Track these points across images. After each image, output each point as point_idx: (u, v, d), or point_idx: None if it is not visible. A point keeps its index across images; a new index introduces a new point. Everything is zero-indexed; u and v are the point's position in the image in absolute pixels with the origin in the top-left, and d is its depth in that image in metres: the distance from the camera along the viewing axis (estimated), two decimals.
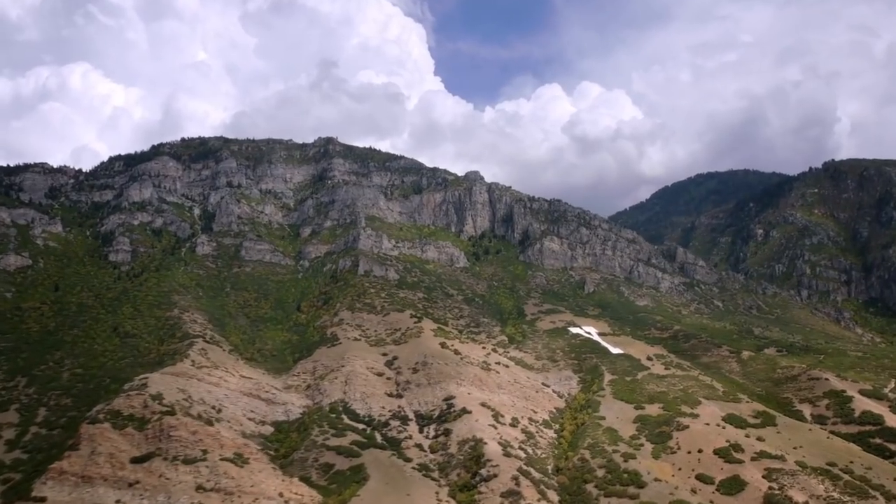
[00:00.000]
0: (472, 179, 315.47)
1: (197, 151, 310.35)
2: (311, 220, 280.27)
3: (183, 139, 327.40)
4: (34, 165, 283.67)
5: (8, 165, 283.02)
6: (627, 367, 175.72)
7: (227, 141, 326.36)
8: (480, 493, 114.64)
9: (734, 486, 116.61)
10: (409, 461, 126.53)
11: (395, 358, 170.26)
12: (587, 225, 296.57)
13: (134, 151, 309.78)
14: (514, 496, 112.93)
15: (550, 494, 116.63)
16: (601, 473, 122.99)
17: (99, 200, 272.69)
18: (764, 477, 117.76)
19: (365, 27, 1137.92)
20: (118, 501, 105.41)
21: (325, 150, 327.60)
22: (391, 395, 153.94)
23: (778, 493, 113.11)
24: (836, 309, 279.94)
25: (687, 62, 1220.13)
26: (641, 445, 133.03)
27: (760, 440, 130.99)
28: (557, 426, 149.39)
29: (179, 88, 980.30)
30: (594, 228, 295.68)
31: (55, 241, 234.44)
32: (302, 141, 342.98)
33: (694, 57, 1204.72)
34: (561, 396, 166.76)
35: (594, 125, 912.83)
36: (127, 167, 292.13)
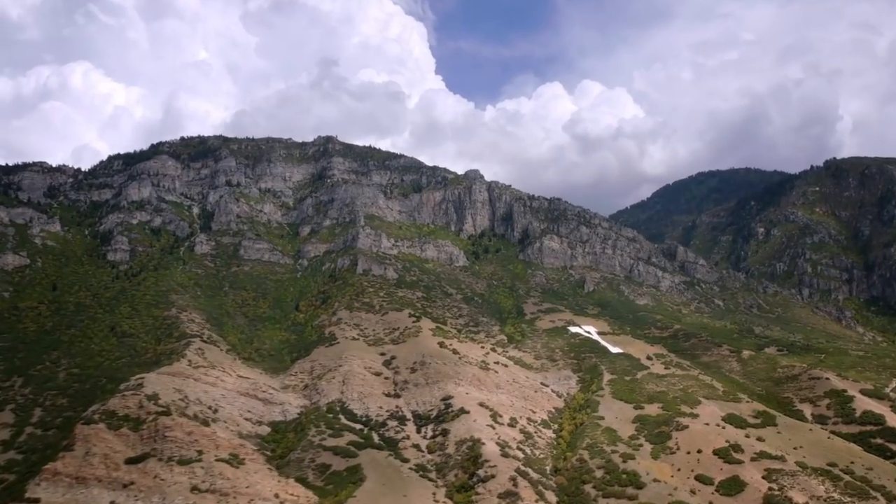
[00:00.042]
0: (471, 178, 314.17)
1: (196, 150, 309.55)
2: (310, 218, 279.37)
3: (182, 138, 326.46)
4: (33, 164, 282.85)
5: (6, 164, 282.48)
6: (627, 366, 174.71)
7: (226, 140, 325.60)
8: (478, 493, 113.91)
9: (734, 486, 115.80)
10: (406, 462, 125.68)
11: (393, 357, 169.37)
12: (587, 223, 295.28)
13: (133, 150, 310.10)
14: (511, 497, 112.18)
15: (548, 495, 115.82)
16: (600, 474, 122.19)
17: (98, 199, 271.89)
18: (764, 477, 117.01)
19: (366, 26, 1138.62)
20: (112, 502, 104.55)
21: (324, 148, 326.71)
22: (389, 394, 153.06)
23: (778, 493, 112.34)
24: (837, 308, 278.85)
25: (688, 60, 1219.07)
26: (640, 446, 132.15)
27: (760, 440, 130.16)
28: (556, 426, 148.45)
29: (180, 87, 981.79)
30: (594, 227, 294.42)
31: (53, 240, 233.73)
32: (301, 140, 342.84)
33: (695, 55, 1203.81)
34: (560, 396, 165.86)
35: (595, 124, 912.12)
36: (126, 166, 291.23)
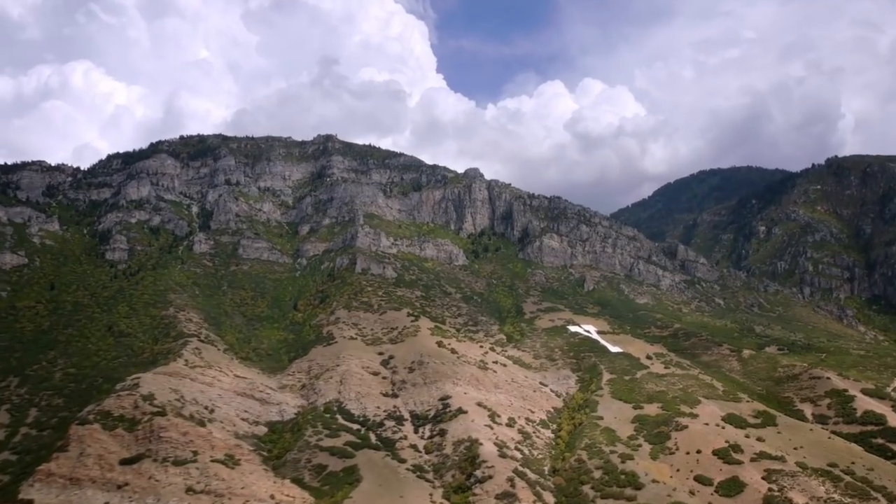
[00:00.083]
0: (471, 176, 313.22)
1: (195, 149, 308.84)
2: (309, 217, 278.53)
3: (181, 137, 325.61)
4: (31, 163, 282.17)
5: (5, 164, 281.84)
6: (626, 365, 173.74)
7: (225, 138, 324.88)
8: (475, 494, 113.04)
9: (733, 487, 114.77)
10: (403, 462, 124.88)
11: (391, 357, 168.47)
12: (587, 222, 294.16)
13: (132, 149, 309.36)
14: (509, 498, 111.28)
15: (546, 496, 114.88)
16: (598, 475, 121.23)
17: (97, 198, 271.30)
18: (763, 478, 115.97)
19: (367, 24, 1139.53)
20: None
21: (324, 147, 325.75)
22: (386, 394, 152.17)
23: (778, 494, 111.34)
24: (838, 307, 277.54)
25: (690, 58, 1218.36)
26: (639, 446, 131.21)
27: (760, 440, 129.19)
28: (555, 426, 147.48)
29: (181, 86, 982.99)
30: (594, 226, 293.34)
31: (52, 239, 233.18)
32: (301, 138, 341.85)
33: (697, 53, 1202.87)
34: (559, 396, 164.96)
35: (597, 122, 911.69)
36: (125, 165, 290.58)
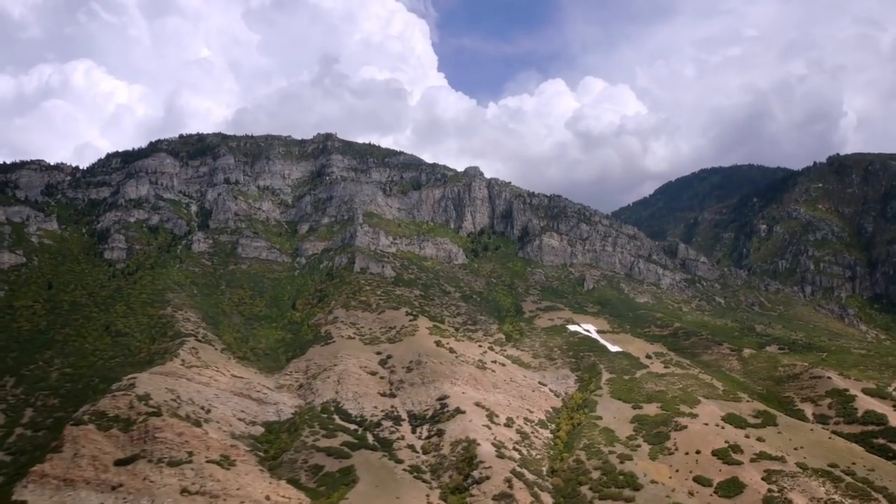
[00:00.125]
0: (471, 175, 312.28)
1: (195, 148, 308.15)
2: (308, 216, 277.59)
3: (181, 136, 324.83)
4: (30, 162, 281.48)
5: (4, 163, 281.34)
6: (626, 365, 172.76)
7: (225, 137, 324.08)
8: (472, 495, 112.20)
9: (733, 488, 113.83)
10: (400, 462, 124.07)
11: (389, 357, 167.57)
12: (587, 221, 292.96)
13: (132, 148, 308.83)
14: (506, 499, 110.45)
15: (544, 497, 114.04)
16: (596, 475, 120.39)
17: (96, 198, 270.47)
18: (763, 479, 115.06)
19: (367, 23, 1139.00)
20: None
21: (323, 146, 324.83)
22: (384, 394, 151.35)
23: (777, 495, 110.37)
24: (839, 305, 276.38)
25: (691, 57, 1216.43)
26: (638, 446, 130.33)
27: (760, 440, 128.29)
28: (553, 426, 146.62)
29: (182, 85, 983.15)
30: (594, 224, 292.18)
31: (50, 238, 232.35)
32: (301, 137, 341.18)
33: (698, 51, 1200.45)
34: (558, 395, 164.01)
35: (598, 120, 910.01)
36: (124, 164, 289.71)
